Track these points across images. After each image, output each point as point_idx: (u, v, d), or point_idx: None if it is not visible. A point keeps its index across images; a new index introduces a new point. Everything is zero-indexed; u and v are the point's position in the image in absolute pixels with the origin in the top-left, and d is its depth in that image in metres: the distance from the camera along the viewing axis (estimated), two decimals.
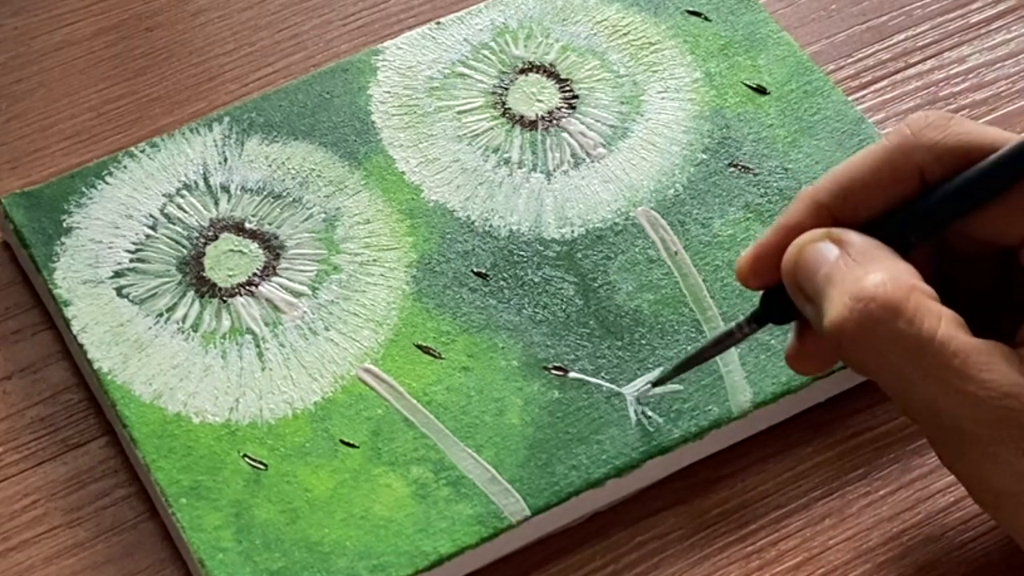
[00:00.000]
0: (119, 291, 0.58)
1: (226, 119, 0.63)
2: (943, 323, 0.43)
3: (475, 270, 0.59)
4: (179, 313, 0.58)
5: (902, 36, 0.68)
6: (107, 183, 0.61)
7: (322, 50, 0.68)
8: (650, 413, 0.55)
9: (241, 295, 0.58)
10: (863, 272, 0.44)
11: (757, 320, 0.49)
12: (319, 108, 0.63)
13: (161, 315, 0.58)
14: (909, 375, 0.43)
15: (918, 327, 0.43)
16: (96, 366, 0.56)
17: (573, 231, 0.60)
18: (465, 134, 0.63)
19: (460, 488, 0.54)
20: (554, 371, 0.57)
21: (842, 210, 0.46)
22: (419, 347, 0.57)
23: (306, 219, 0.60)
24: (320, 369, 0.57)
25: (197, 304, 0.58)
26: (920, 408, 0.44)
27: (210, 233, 0.60)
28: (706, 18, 0.66)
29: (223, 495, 0.54)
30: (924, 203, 0.46)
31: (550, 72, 0.65)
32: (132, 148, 0.62)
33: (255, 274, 0.59)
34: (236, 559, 0.52)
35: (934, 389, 0.43)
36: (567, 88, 0.64)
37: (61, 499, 0.55)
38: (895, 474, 0.55)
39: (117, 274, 0.59)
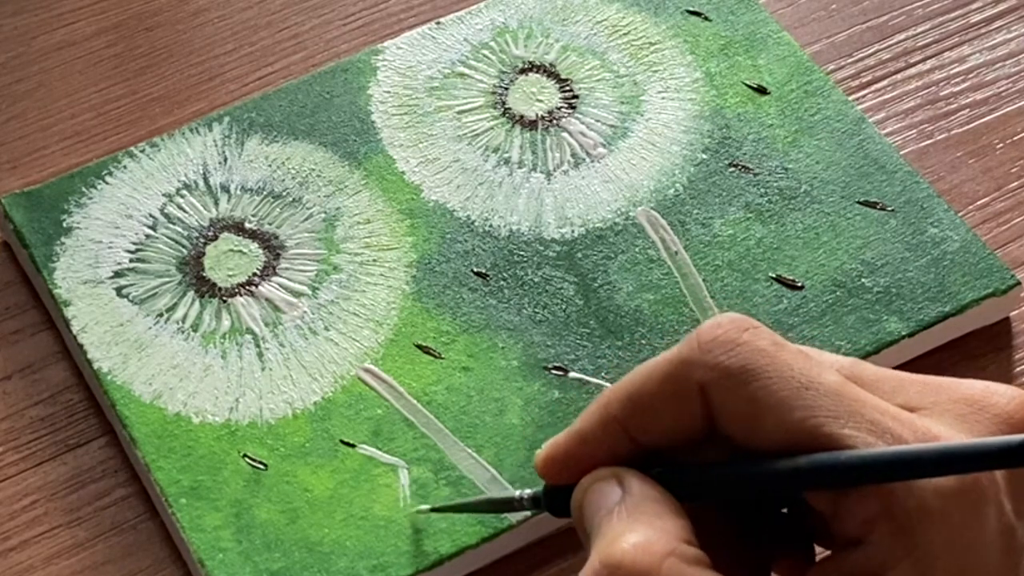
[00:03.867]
0: (119, 291, 0.58)
1: (226, 119, 0.63)
2: None
3: (475, 270, 0.59)
4: (179, 313, 0.58)
5: (902, 36, 0.68)
6: (107, 183, 0.61)
7: (322, 50, 0.68)
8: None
9: (241, 295, 0.58)
10: (621, 531, 0.40)
11: (536, 503, 0.46)
12: (319, 108, 0.63)
13: (161, 315, 0.58)
14: None
15: None
16: (96, 366, 0.56)
17: (573, 231, 0.60)
18: (465, 134, 0.63)
19: (460, 488, 0.54)
20: (554, 371, 0.57)
21: (633, 424, 0.42)
22: (419, 347, 0.57)
23: (306, 219, 0.60)
24: (320, 369, 0.57)
25: (197, 304, 0.58)
26: None
27: (210, 233, 0.60)
28: (706, 18, 0.66)
29: (223, 495, 0.54)
30: (724, 470, 0.41)
31: (550, 72, 0.65)
32: (132, 148, 0.62)
33: (255, 274, 0.59)
34: (236, 559, 0.52)
35: None
36: (567, 88, 0.64)
37: (61, 499, 0.55)
38: None
39: (117, 274, 0.59)
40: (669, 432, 0.41)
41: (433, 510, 0.53)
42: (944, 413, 0.40)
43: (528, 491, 0.47)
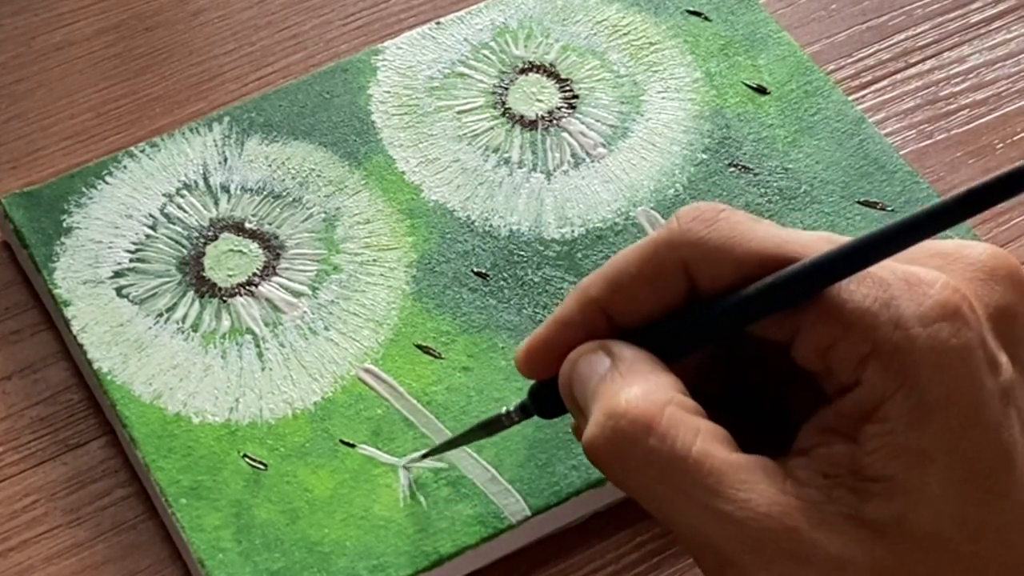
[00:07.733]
0: (119, 291, 0.58)
1: (226, 119, 0.63)
2: (700, 439, 0.40)
3: (475, 270, 0.59)
4: (179, 313, 0.58)
5: (902, 36, 0.68)
6: (107, 183, 0.61)
7: (322, 50, 0.68)
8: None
9: (241, 295, 0.58)
10: (620, 387, 0.41)
11: (524, 412, 0.47)
12: (319, 108, 0.63)
13: (161, 315, 0.58)
14: (666, 496, 0.40)
15: (671, 444, 0.40)
16: (96, 366, 0.56)
17: (573, 231, 0.60)
18: (465, 134, 0.63)
19: (460, 488, 0.54)
20: None
21: (613, 305, 0.43)
22: (419, 347, 0.57)
23: (306, 219, 0.60)
24: (320, 369, 0.57)
25: (197, 304, 0.58)
26: (684, 533, 0.41)
27: (210, 233, 0.60)
28: (706, 18, 0.66)
29: (223, 495, 0.54)
30: (697, 314, 0.42)
31: (550, 72, 0.65)
32: (132, 148, 0.62)
33: (255, 274, 0.59)
34: (236, 559, 0.52)
35: (692, 511, 0.40)
36: (567, 88, 0.64)
37: (61, 499, 0.55)
38: None
39: (117, 274, 0.59)
40: (648, 311, 0.43)
41: (424, 456, 0.53)
42: (922, 265, 0.41)
43: (511, 406, 0.47)
